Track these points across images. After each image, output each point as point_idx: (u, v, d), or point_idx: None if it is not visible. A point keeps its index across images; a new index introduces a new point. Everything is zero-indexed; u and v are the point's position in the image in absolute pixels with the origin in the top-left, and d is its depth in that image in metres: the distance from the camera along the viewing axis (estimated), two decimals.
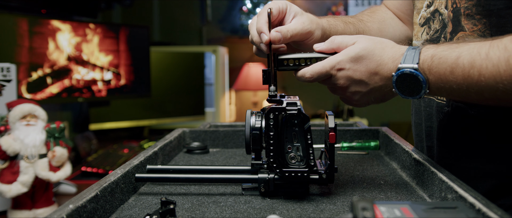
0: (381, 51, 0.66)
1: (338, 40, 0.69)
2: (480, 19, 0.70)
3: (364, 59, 0.66)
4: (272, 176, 0.70)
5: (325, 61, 0.67)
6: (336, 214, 0.64)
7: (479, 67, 0.58)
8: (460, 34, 0.73)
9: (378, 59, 0.65)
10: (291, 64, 0.71)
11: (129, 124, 2.64)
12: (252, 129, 0.69)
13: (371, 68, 0.66)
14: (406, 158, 0.85)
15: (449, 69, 0.60)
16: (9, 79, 1.43)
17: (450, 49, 0.61)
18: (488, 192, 0.72)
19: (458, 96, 0.63)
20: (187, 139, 1.13)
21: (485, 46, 0.59)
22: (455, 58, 0.60)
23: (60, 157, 1.27)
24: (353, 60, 0.66)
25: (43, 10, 2.18)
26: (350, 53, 0.66)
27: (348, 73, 0.67)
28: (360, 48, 0.66)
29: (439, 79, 0.62)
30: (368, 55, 0.66)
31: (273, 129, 0.68)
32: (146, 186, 0.79)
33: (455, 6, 0.74)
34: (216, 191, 0.75)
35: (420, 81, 0.62)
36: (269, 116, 0.68)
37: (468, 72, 0.59)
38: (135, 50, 2.42)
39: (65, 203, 0.57)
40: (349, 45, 0.67)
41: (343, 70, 0.67)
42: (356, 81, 0.67)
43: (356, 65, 0.66)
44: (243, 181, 0.74)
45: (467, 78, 0.59)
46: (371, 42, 0.67)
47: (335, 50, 0.69)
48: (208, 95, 3.11)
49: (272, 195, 0.72)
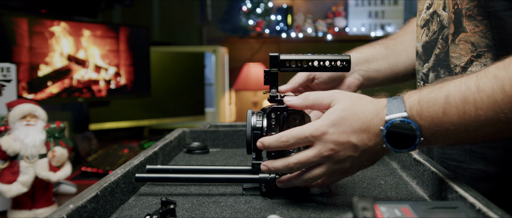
0: (362, 108, 0.60)
1: (313, 97, 0.64)
2: (481, 20, 0.70)
3: (346, 120, 0.60)
4: (273, 176, 0.70)
5: (304, 127, 0.62)
6: (336, 214, 0.64)
7: (473, 102, 0.54)
8: (462, 35, 0.73)
9: (361, 116, 0.60)
10: (293, 65, 0.71)
11: (129, 124, 2.64)
12: (253, 129, 0.69)
13: (356, 127, 0.60)
14: (406, 158, 0.85)
15: (441, 110, 0.56)
16: (9, 79, 1.43)
17: (435, 90, 0.57)
18: (490, 194, 0.72)
19: (455, 138, 0.58)
20: (187, 139, 1.13)
21: (472, 80, 0.55)
22: (445, 98, 0.56)
23: (60, 157, 1.27)
24: (335, 124, 0.60)
25: (43, 10, 2.18)
26: (330, 116, 0.60)
27: (333, 138, 0.60)
28: (340, 109, 0.61)
29: (433, 123, 0.57)
30: (350, 115, 0.60)
31: (274, 128, 0.68)
32: (146, 186, 0.79)
33: (457, 8, 0.74)
34: (216, 191, 0.75)
35: (413, 128, 0.57)
36: (271, 115, 0.68)
37: (463, 109, 0.55)
38: (135, 50, 2.43)
39: (65, 203, 0.57)
40: (325, 104, 0.63)
41: (326, 135, 0.60)
42: (344, 145, 0.60)
43: (340, 128, 0.60)
44: (244, 181, 0.74)
45: (463, 115, 0.55)
46: (349, 100, 0.61)
47: (309, 107, 0.64)
48: (208, 95, 3.11)
49: (273, 195, 0.72)
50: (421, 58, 0.85)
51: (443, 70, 0.78)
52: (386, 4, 3.32)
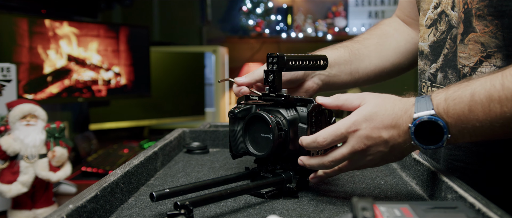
0: (392, 105, 0.63)
1: (343, 98, 0.66)
2: (492, 20, 0.69)
3: (378, 116, 0.62)
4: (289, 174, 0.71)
5: (338, 124, 0.63)
6: (336, 214, 0.64)
7: (498, 99, 0.56)
8: (471, 35, 0.72)
9: (391, 113, 0.62)
10: (296, 64, 0.73)
11: (129, 124, 2.64)
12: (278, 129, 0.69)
13: (387, 123, 0.62)
14: (406, 158, 0.85)
15: (467, 108, 0.58)
16: (9, 79, 1.43)
17: (462, 88, 0.59)
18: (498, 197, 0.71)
19: (481, 135, 0.60)
20: (187, 139, 1.13)
21: (497, 78, 0.57)
22: (470, 96, 0.58)
23: (60, 157, 1.27)
24: (367, 119, 0.62)
25: (43, 10, 2.18)
26: (363, 112, 0.62)
27: (366, 132, 0.62)
28: (372, 105, 0.63)
29: (459, 120, 0.59)
30: (381, 111, 0.62)
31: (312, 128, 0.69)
32: (146, 186, 0.79)
33: (467, 7, 0.72)
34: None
35: (441, 126, 0.59)
36: (312, 115, 0.68)
37: (488, 107, 0.57)
38: (135, 50, 2.43)
39: (65, 203, 0.57)
40: (355, 104, 0.65)
41: (359, 131, 0.62)
42: (376, 140, 0.62)
43: (372, 123, 0.62)
44: (266, 186, 0.71)
45: (489, 113, 0.57)
46: (379, 98, 0.64)
47: (339, 107, 0.67)
48: (208, 95, 3.11)
49: (295, 193, 0.72)
50: (428, 58, 0.84)
51: (450, 70, 0.78)
52: (386, 4, 3.32)
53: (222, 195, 0.64)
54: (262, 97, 0.75)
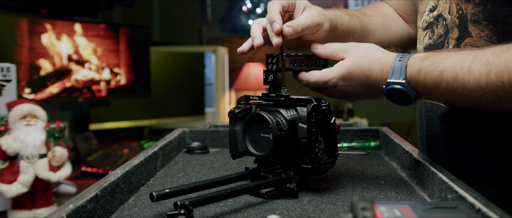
0: (369, 65, 0.69)
1: (330, 50, 0.73)
2: (487, 25, 0.70)
3: (354, 75, 0.70)
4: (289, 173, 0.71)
5: (320, 75, 0.72)
6: (336, 214, 0.64)
7: (461, 81, 0.61)
8: (468, 40, 0.73)
9: (367, 73, 0.69)
10: (295, 64, 0.73)
11: (129, 124, 2.64)
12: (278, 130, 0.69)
13: (362, 82, 0.70)
14: (406, 158, 0.85)
15: (435, 83, 0.64)
16: (9, 79, 1.43)
17: (435, 63, 0.64)
18: (496, 197, 0.71)
19: (446, 104, 0.71)
20: (187, 139, 1.13)
21: (468, 59, 0.61)
22: (439, 73, 0.63)
23: (60, 157, 1.27)
24: (343, 78, 0.71)
25: (43, 10, 2.18)
26: (340, 70, 0.71)
27: (342, 89, 0.72)
28: (349, 64, 0.70)
29: (426, 91, 0.65)
30: (356, 70, 0.70)
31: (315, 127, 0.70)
32: (146, 186, 0.79)
33: (462, 12, 0.73)
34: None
35: (409, 94, 0.66)
36: (312, 114, 0.68)
37: (452, 86, 0.62)
38: (135, 50, 2.42)
39: (65, 203, 0.57)
40: (339, 57, 0.72)
41: (336, 85, 0.72)
42: (351, 94, 0.73)
43: (347, 81, 0.71)
44: (265, 186, 0.71)
45: (451, 91, 0.62)
46: (359, 55, 0.70)
47: (328, 57, 0.75)
48: (208, 95, 3.11)
49: (294, 193, 0.71)
50: None
51: None
52: None
53: (222, 195, 0.64)
54: (262, 97, 0.75)
